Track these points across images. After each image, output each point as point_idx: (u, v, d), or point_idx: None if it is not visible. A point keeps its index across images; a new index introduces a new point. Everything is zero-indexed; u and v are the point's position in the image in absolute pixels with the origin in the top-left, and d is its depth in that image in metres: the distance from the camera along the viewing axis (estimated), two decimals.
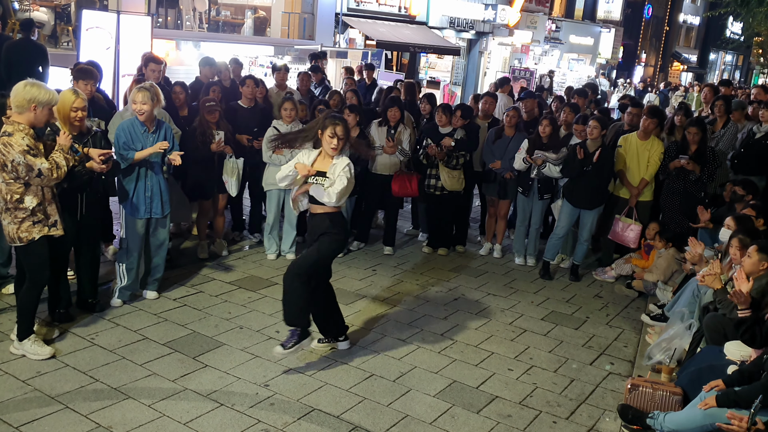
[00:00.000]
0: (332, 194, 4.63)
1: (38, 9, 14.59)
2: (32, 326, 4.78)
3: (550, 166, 7.07)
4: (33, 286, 4.70)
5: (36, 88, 4.48)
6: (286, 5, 19.54)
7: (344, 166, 4.70)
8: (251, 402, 4.39)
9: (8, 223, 4.54)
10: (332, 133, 4.67)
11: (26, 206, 4.52)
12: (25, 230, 4.54)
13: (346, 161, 4.74)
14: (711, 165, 7.08)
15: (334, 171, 4.69)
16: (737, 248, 4.99)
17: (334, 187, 4.63)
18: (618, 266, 7.32)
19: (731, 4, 20.97)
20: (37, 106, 4.45)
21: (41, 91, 4.48)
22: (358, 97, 8.33)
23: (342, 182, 4.64)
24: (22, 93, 4.44)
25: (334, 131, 4.67)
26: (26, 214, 4.53)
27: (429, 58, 26.06)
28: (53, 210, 4.67)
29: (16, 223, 4.52)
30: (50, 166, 4.47)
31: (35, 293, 4.72)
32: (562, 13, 33.31)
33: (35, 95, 4.44)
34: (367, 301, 6.26)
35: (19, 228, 4.53)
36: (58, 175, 4.54)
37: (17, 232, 4.54)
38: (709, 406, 3.90)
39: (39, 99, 4.45)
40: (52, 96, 4.53)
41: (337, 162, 4.73)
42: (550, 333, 5.90)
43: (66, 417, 4.06)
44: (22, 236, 4.55)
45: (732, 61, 55.65)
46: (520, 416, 4.52)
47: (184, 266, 6.70)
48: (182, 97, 7.06)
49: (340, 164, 4.71)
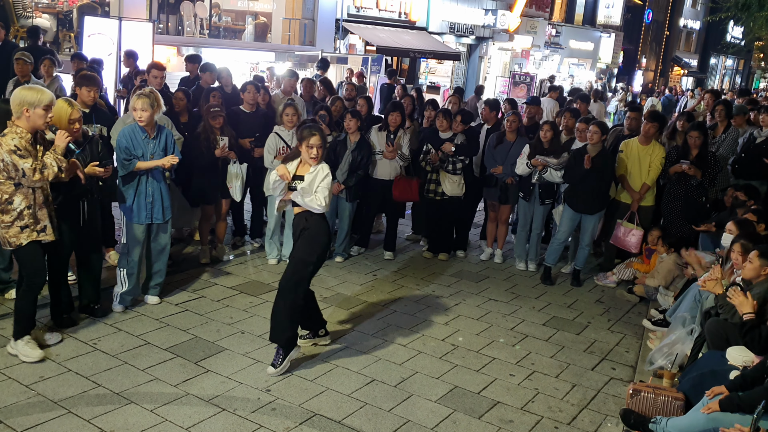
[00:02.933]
0: (315, 205, 4.73)
1: (41, 16, 14.67)
2: (29, 328, 4.81)
3: (551, 171, 7.08)
4: (28, 289, 4.75)
5: (25, 91, 4.53)
6: (287, 11, 19.63)
7: (324, 177, 4.79)
8: (253, 407, 4.39)
9: (1, 226, 4.58)
10: (309, 144, 4.77)
11: (15, 207, 4.53)
12: (14, 236, 4.57)
13: (326, 170, 4.83)
14: (712, 170, 7.09)
15: (314, 180, 4.77)
16: (739, 253, 5.00)
17: (318, 199, 4.73)
18: (619, 271, 7.33)
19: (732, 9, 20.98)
20: (28, 108, 4.47)
21: (29, 92, 4.51)
22: (370, 104, 8.35)
23: (324, 193, 4.76)
24: (14, 98, 4.51)
25: (310, 142, 4.76)
26: (13, 218, 4.53)
27: (429, 64, 26.15)
28: (43, 215, 4.65)
29: (5, 228, 4.56)
30: (33, 166, 4.46)
31: (30, 297, 4.77)
32: (562, 18, 33.40)
33: (24, 97, 4.48)
34: (368, 306, 6.26)
35: (7, 232, 4.56)
36: (43, 176, 4.50)
37: (7, 236, 4.58)
38: (712, 410, 3.90)
39: (27, 100, 4.46)
40: (41, 96, 4.50)
41: (318, 169, 4.81)
42: (551, 338, 5.90)
43: (69, 422, 4.07)
44: (11, 241, 4.59)
45: (733, 65, 55.76)
46: (522, 422, 4.52)
47: (186, 271, 6.71)
48: (182, 103, 7.08)
49: (320, 173, 4.80)
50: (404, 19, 23.06)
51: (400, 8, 22.87)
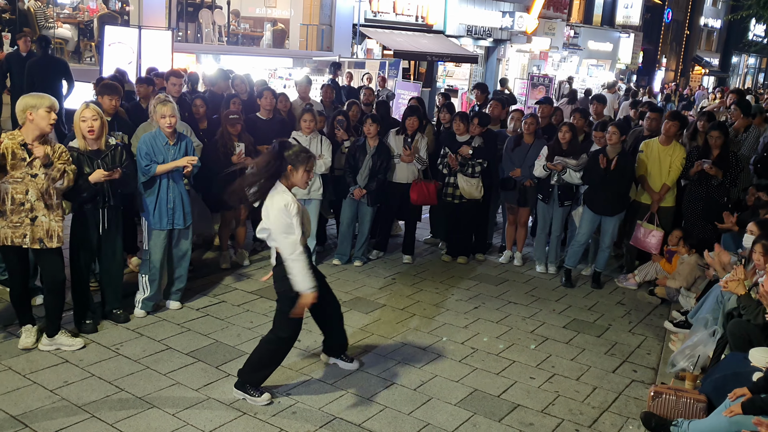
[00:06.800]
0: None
1: (62, 26, 14.89)
2: (25, 322, 5.04)
3: (570, 173, 7.05)
4: (9, 285, 5.08)
5: (28, 97, 4.70)
6: (305, 17, 19.73)
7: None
8: (273, 411, 4.42)
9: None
10: (307, 168, 4.31)
11: (3, 207, 4.67)
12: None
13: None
14: (734, 169, 7.00)
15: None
16: (761, 253, 4.93)
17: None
18: (641, 271, 7.26)
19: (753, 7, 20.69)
20: (31, 112, 4.62)
21: (32, 97, 4.69)
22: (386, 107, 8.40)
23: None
24: (17, 107, 4.68)
25: (309, 167, 4.32)
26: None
27: (446, 67, 26.11)
28: (23, 220, 4.69)
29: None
30: None
31: (11, 294, 5.04)
32: (581, 19, 33.20)
33: (27, 102, 4.64)
34: (387, 310, 6.28)
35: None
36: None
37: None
38: (734, 413, 3.85)
39: (29, 104, 4.63)
40: (42, 99, 4.67)
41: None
42: (572, 341, 5.87)
43: (93, 426, 4.12)
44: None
45: (755, 63, 55.02)
46: (543, 424, 4.50)
47: (207, 276, 6.77)
48: (202, 110, 7.15)
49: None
50: (421, 23, 23.06)
51: (417, 12, 22.87)
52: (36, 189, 4.68)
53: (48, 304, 5.02)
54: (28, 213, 4.69)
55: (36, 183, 4.68)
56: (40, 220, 4.73)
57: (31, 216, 4.71)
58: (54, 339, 4.98)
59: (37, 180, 4.68)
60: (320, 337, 5.38)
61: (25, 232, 4.71)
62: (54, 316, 4.99)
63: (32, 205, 4.70)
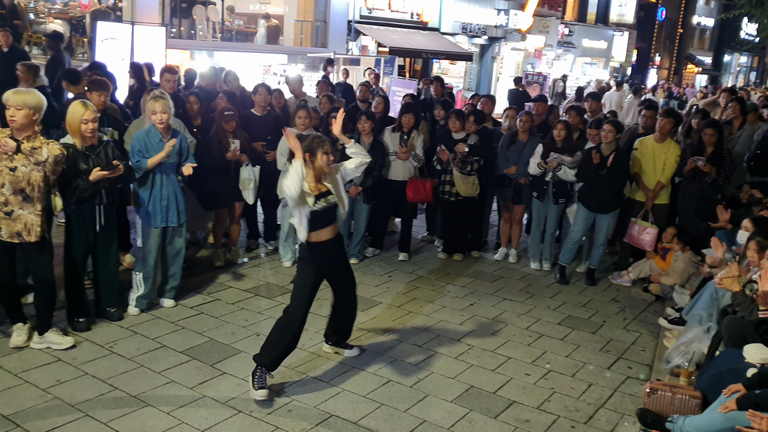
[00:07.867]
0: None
1: (53, 21, 14.78)
2: (16, 320, 5.00)
3: (565, 170, 7.05)
4: None
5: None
6: (299, 13, 19.67)
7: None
8: (269, 409, 4.40)
9: None
10: (324, 151, 4.56)
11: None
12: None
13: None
14: (728, 167, 7.02)
15: (339, 186, 4.78)
16: (755, 250, 4.95)
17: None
18: (635, 268, 7.27)
19: (745, 6, 20.75)
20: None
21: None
22: (386, 104, 8.34)
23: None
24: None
25: (325, 149, 4.56)
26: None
27: (441, 64, 26.11)
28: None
29: None
30: None
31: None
32: (575, 17, 33.25)
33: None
34: (383, 307, 6.27)
35: None
36: None
37: None
38: (729, 409, 3.86)
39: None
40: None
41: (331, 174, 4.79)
42: (567, 337, 5.87)
43: (86, 425, 4.10)
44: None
45: (747, 62, 55.21)
46: (538, 421, 4.50)
47: (201, 274, 6.74)
48: (196, 107, 7.11)
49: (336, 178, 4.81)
50: (416, 20, 23.05)
51: (412, 9, 22.87)
52: (13, 182, 4.56)
53: (37, 303, 4.99)
54: (2, 207, 4.59)
55: (16, 176, 4.55)
56: (17, 214, 4.61)
57: (6, 210, 4.60)
58: (44, 337, 4.96)
59: (16, 173, 4.56)
60: (316, 335, 5.40)
61: (0, 226, 4.63)
62: (44, 314, 4.95)
63: (6, 198, 4.59)
